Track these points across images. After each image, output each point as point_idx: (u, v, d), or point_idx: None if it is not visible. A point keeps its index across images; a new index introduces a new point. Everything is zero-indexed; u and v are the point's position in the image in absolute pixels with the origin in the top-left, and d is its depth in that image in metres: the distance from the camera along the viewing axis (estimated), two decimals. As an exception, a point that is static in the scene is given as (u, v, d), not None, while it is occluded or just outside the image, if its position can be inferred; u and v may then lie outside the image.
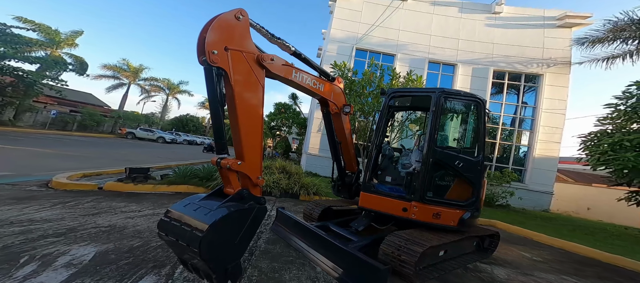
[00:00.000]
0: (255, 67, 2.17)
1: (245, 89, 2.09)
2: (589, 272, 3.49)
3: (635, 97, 7.01)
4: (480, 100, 3.15)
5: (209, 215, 1.72)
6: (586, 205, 12.27)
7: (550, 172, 11.14)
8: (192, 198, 1.99)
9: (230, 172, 2.02)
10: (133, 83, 29.22)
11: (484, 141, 3.04)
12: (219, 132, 2.01)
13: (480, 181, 2.98)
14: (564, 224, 7.20)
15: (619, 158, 6.33)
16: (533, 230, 5.56)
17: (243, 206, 1.95)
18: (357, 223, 3.34)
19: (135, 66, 28.35)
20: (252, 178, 2.13)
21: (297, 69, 2.65)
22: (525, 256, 3.90)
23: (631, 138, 6.30)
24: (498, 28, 12.06)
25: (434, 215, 2.94)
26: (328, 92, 3.17)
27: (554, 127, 11.37)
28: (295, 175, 6.07)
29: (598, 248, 4.46)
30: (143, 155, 11.53)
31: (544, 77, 11.56)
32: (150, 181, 5.36)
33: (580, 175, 17.08)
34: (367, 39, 12.02)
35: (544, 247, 4.66)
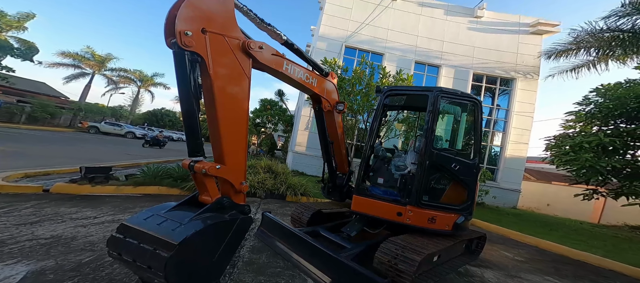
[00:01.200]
0: (240, 55, 1.86)
1: (227, 80, 1.77)
2: (567, 271, 3.66)
3: (593, 103, 7.65)
4: (478, 101, 3.10)
5: (178, 230, 1.40)
6: (546, 202, 13.49)
7: (518, 171, 11.98)
8: (157, 208, 1.65)
9: (206, 178, 1.70)
10: (98, 73, 26.25)
11: (480, 143, 2.99)
12: (192, 130, 1.68)
13: (475, 184, 2.93)
14: (531, 221, 7.74)
15: (579, 159, 6.88)
16: (508, 228, 5.84)
17: (223, 217, 1.67)
18: (349, 229, 3.15)
19: (101, 55, 25.44)
20: (235, 184, 1.83)
21: (288, 60, 2.36)
22: (507, 256, 4.01)
23: (590, 140, 6.87)
24: (479, 32, 12.60)
25: (429, 220, 2.83)
26: (321, 88, 2.91)
27: (523, 129, 12.22)
28: (281, 175, 5.74)
29: (565, 244, 4.78)
30: (107, 152, 10.35)
31: (516, 82, 12.33)
32: (112, 182, 4.69)
33: (541, 173, 18.80)
34: (357, 37, 11.92)
35: (521, 246, 4.88)
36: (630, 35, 9.51)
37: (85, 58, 24.69)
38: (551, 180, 16.08)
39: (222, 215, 1.69)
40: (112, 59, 26.36)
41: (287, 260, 2.67)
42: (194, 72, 1.62)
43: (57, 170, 5.31)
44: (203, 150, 1.74)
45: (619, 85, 6.86)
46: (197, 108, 1.67)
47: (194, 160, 1.69)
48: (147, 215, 1.55)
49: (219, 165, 1.74)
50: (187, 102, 1.62)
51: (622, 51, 10.05)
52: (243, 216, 1.82)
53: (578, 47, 10.74)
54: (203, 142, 1.75)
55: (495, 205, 10.17)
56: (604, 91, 7.09)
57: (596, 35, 10.19)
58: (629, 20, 9.37)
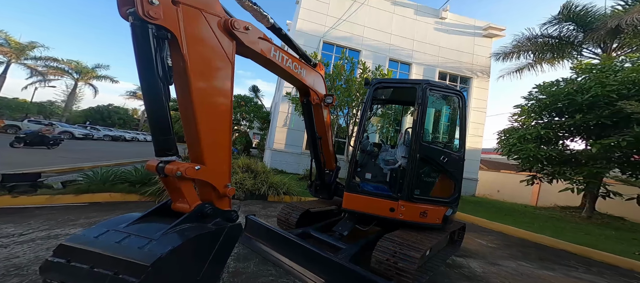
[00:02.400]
0: (222, 36, 1.56)
1: (206, 65, 1.47)
2: (532, 255, 4.07)
3: (535, 99, 8.79)
4: (461, 94, 3.19)
5: (148, 247, 1.10)
6: (496, 188, 15.35)
7: (475, 161, 13.37)
8: (113, 221, 1.30)
9: (182, 182, 1.39)
10: (15, 62, 21.38)
11: (465, 135, 3.09)
12: (159, 123, 1.34)
13: (461, 176, 3.02)
14: (488, 207, 8.65)
15: (523, 149, 7.86)
16: (473, 215, 6.39)
17: (206, 228, 1.40)
18: (341, 227, 3.00)
19: (19, 42, 20.76)
20: (218, 188, 1.55)
21: (277, 46, 2.08)
22: (482, 244, 4.33)
23: (531, 132, 7.88)
24: (443, 33, 13.66)
25: (421, 214, 2.83)
26: (310, 80, 2.67)
27: (478, 124, 13.66)
28: (262, 174, 5.33)
29: (522, 228, 5.39)
30: (34, 155, 8.52)
31: (472, 80, 13.70)
32: (42, 191, 3.77)
33: (491, 163, 21.39)
34: (334, 32, 11.84)
35: (489, 232, 5.36)
36: (557, 41, 11.31)
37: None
38: (500, 169, 18.37)
39: (205, 225, 1.41)
40: (35, 46, 21.72)
41: (279, 266, 2.40)
42: (162, 51, 1.28)
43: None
44: (176, 148, 1.41)
45: (557, 83, 7.96)
46: (167, 96, 1.34)
47: (164, 161, 1.35)
48: (99, 232, 1.18)
49: (197, 165, 1.43)
50: (152, 89, 1.27)
51: (551, 55, 11.91)
52: (231, 224, 1.55)
53: (519, 51, 12.41)
54: (175, 139, 1.42)
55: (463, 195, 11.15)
56: (543, 88, 8.18)
57: (532, 41, 11.89)
58: (557, 29, 11.10)
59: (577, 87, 7.09)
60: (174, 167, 1.33)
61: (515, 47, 12.46)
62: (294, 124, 10.72)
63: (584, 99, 6.66)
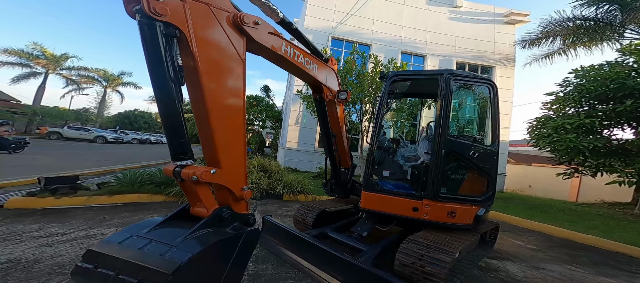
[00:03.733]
0: (231, 32, 1.49)
1: (217, 63, 1.41)
2: (582, 257, 3.62)
3: (572, 85, 7.94)
4: (493, 83, 2.90)
5: (169, 254, 1.10)
6: (528, 183, 14.21)
7: (502, 155, 12.46)
8: (136, 227, 1.31)
9: (199, 186, 1.35)
10: (52, 73, 23.40)
11: (499, 127, 2.81)
12: (173, 126, 1.30)
13: (495, 172, 2.75)
14: (520, 203, 7.99)
15: (561, 139, 7.13)
16: (503, 212, 5.91)
17: (225, 233, 1.37)
18: (360, 228, 2.87)
19: (54, 53, 22.63)
20: (235, 191, 1.51)
21: (288, 41, 1.99)
22: (520, 245, 3.96)
23: (571, 121, 7.12)
24: (459, 22, 12.86)
25: (449, 214, 2.62)
26: (322, 75, 2.56)
27: (504, 114, 12.73)
28: (276, 173, 5.34)
29: (563, 227, 4.87)
30: (75, 159, 9.29)
31: (495, 69, 12.77)
32: (81, 192, 4.06)
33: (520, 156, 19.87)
34: (343, 28, 11.60)
35: (527, 232, 4.89)
36: (592, 23, 10.07)
37: (34, 56, 21.77)
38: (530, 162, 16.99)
39: (224, 230, 1.39)
40: (68, 57, 23.62)
41: (298, 269, 2.34)
42: (171, 50, 1.24)
43: (13, 182, 4.54)
44: (191, 152, 1.38)
45: (600, 67, 7.12)
46: (179, 97, 1.30)
47: (180, 165, 1.32)
48: (123, 237, 1.20)
49: (213, 169, 1.39)
50: (164, 90, 1.24)
51: (588, 38, 10.66)
52: (249, 228, 1.52)
53: (547, 36, 11.27)
54: (190, 142, 1.39)
55: None
56: (583, 73, 7.35)
57: (563, 24, 10.71)
58: (592, 10, 9.87)
59: (628, 70, 6.27)
60: (190, 171, 1.29)
61: (543, 32, 11.36)
62: (305, 122, 10.69)
63: (637, 82, 5.86)
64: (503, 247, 3.71)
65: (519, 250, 3.72)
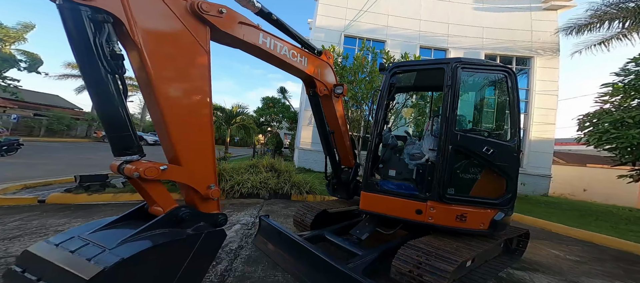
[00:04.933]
0: (190, 21, 1.38)
1: (170, 55, 1.30)
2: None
3: (634, 73, 6.67)
4: (511, 71, 2.51)
5: (97, 258, 1.02)
6: (582, 187, 12.24)
7: (547, 154, 10.96)
8: (87, 226, 1.28)
9: (148, 184, 1.27)
10: None
11: (519, 121, 2.41)
12: (111, 119, 1.20)
13: (516, 171, 2.36)
14: (569, 209, 6.88)
15: (622, 136, 5.99)
16: (546, 219, 5.12)
17: (177, 234, 1.29)
18: (359, 231, 2.68)
19: None
20: (200, 190, 1.44)
21: (267, 33, 1.90)
22: (557, 255, 3.37)
23: (633, 114, 5.95)
24: (487, 12, 11.81)
25: (458, 218, 2.31)
26: (314, 69, 2.44)
27: (547, 109, 11.24)
28: (285, 173, 5.34)
29: (621, 237, 4.03)
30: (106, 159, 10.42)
31: (534, 60, 11.42)
32: (109, 189, 4.50)
33: (572, 155, 17.25)
34: (356, 25, 11.34)
35: (570, 241, 4.16)
36: None
37: None
38: (585, 162, 14.65)
39: (178, 231, 1.31)
40: None
41: (287, 272, 2.25)
42: (102, 35, 1.11)
43: (59, 179, 5.22)
44: (137, 146, 1.30)
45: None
46: (119, 87, 1.19)
47: (126, 161, 1.25)
48: (64, 238, 1.18)
49: (164, 165, 1.30)
50: (96, 81, 1.11)
51: None
52: (210, 230, 1.43)
53: (601, 20, 9.57)
54: (133, 135, 1.29)
55: (524, 193, 9.30)
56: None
57: (620, 6, 9.00)
58: None
59: None
60: (132, 168, 1.21)
61: (594, 16, 9.73)
62: (318, 121, 10.55)
63: None
64: (535, 257, 3.19)
65: (556, 261, 3.16)
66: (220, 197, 1.61)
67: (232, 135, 10.90)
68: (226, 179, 4.75)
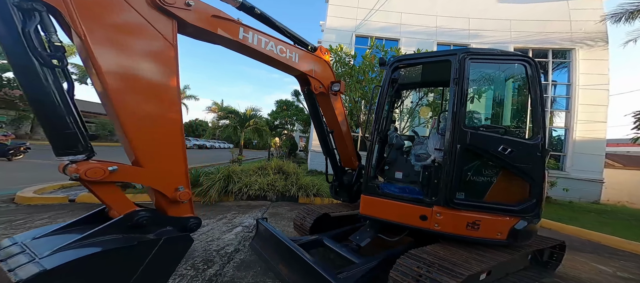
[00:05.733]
0: (152, 13, 1.29)
1: (122, 53, 1.19)
2: None
3: None
4: (531, 61, 2.18)
5: (23, 268, 0.96)
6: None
7: (597, 156, 9.56)
8: (33, 232, 1.21)
9: (96, 186, 1.18)
10: None
11: (544, 116, 2.07)
12: (48, 117, 1.11)
13: (541, 174, 2.02)
14: (626, 218, 5.83)
15: None
16: (596, 230, 4.38)
17: (129, 239, 1.20)
18: (358, 237, 2.50)
19: None
20: (166, 193, 1.35)
21: (248, 27, 1.81)
22: (603, 271, 2.83)
23: None
24: (514, 4, 10.82)
25: (470, 226, 2.03)
26: (307, 66, 2.34)
27: (596, 105, 9.84)
28: (293, 175, 5.30)
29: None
30: None
31: (576, 52, 10.13)
32: (129, 190, 4.81)
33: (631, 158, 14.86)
34: (368, 24, 11.10)
35: (624, 256, 3.50)
36: None
37: None
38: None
39: (130, 237, 1.21)
40: None
41: (278, 279, 2.15)
42: (31, 23, 1.01)
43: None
44: (84, 144, 1.18)
45: None
46: (56, 78, 1.09)
47: (72, 161, 1.15)
48: (7, 244, 1.13)
49: (114, 165, 1.18)
50: (28, 75, 1.01)
51: None
52: (170, 235, 1.32)
53: None
54: (79, 133, 1.18)
55: (568, 200, 8.17)
56: None
57: None
58: None
59: None
60: (73, 168, 1.11)
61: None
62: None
63: None
64: (573, 271, 2.71)
65: (599, 277, 2.65)
66: (192, 199, 1.52)
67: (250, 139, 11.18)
68: (234, 181, 4.82)
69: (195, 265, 2.29)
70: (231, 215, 3.87)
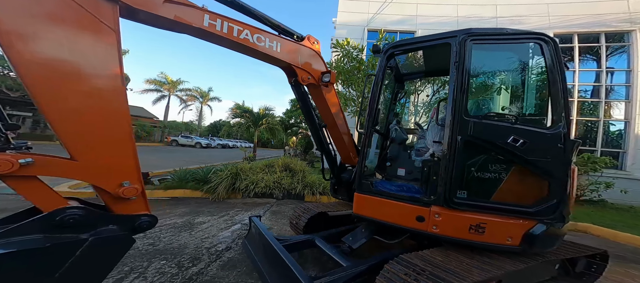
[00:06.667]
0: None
1: (43, 36, 1.09)
2: None
3: None
4: (548, 38, 1.82)
5: None
6: None
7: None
8: None
9: (12, 181, 1.10)
10: (172, 94, 31.99)
11: (567, 101, 1.71)
12: None
13: (564, 169, 1.68)
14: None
15: None
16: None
17: (46, 241, 1.10)
18: (351, 238, 2.33)
19: (172, 79, 31.03)
20: (107, 189, 1.26)
21: (216, 14, 1.71)
22: None
23: None
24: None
25: (473, 229, 1.76)
26: (290, 55, 2.21)
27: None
28: (299, 173, 5.24)
29: None
30: (168, 159, 11.99)
31: (636, 34, 8.63)
32: (147, 187, 5.15)
33: None
34: (381, 17, 10.59)
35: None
36: None
37: (162, 82, 30.23)
38: None
39: (52, 237, 1.11)
40: (181, 82, 31.76)
41: (262, 279, 2.08)
42: None
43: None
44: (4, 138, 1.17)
45: None
46: None
47: None
48: None
49: (28, 158, 1.08)
50: None
51: None
52: (100, 236, 1.21)
53: None
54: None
55: (628, 204, 6.97)
56: None
57: None
58: None
59: None
60: None
61: None
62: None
63: None
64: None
65: None
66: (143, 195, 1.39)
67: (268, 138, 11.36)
68: (241, 179, 4.90)
69: (181, 262, 2.29)
70: (234, 212, 3.92)
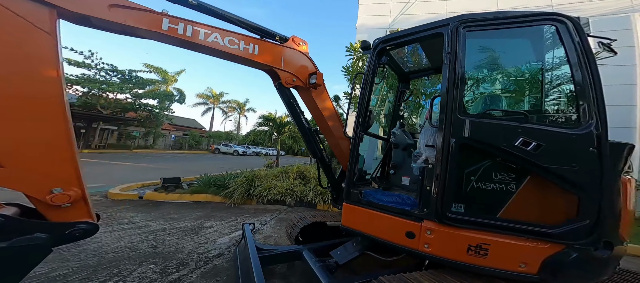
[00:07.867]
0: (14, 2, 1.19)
1: None
2: None
3: None
4: (564, 19, 1.42)
5: None
6: None
7: None
8: None
9: None
10: (216, 106, 36.16)
11: (599, 95, 1.28)
12: None
13: (600, 180, 1.24)
14: None
15: None
16: None
17: None
18: (340, 253, 2.13)
19: (216, 93, 35.20)
20: (37, 196, 1.24)
21: (177, 18, 1.67)
22: None
23: None
24: None
25: (472, 250, 1.44)
26: (270, 57, 2.17)
27: None
28: (313, 180, 5.15)
29: None
30: (207, 165, 12.87)
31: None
32: (178, 190, 5.69)
33: None
34: (405, 18, 9.90)
35: None
36: None
37: (208, 96, 34.61)
38: None
39: None
40: (224, 94, 35.93)
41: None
42: None
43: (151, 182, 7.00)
44: None
45: None
46: None
47: None
48: None
49: None
50: None
51: None
52: (10, 246, 1.14)
53: None
54: None
55: None
56: None
57: None
58: None
59: None
60: None
61: None
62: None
63: None
64: None
65: None
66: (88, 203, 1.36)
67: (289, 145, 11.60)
68: (256, 185, 5.05)
69: (166, 268, 2.32)
70: (242, 218, 4.03)
